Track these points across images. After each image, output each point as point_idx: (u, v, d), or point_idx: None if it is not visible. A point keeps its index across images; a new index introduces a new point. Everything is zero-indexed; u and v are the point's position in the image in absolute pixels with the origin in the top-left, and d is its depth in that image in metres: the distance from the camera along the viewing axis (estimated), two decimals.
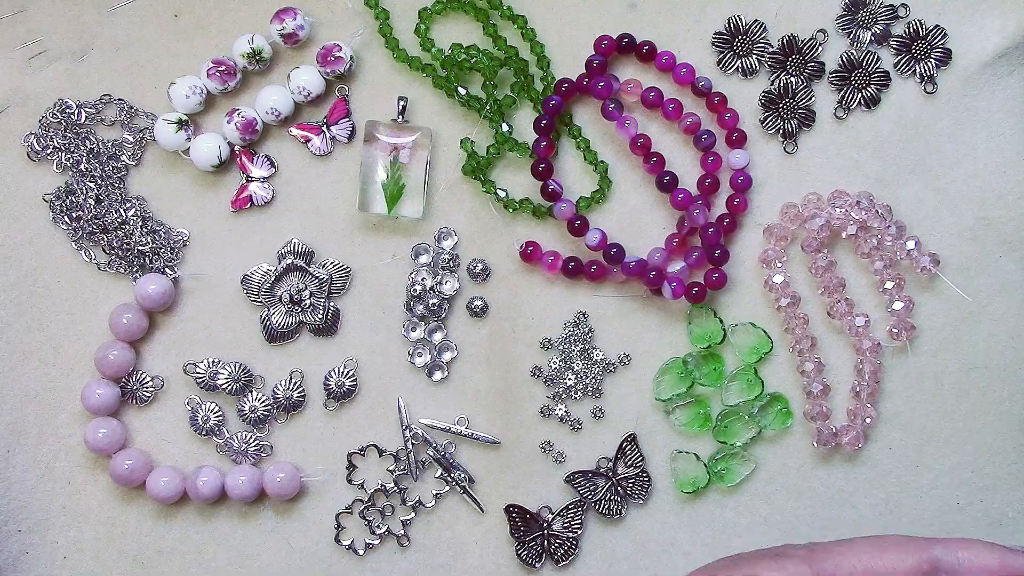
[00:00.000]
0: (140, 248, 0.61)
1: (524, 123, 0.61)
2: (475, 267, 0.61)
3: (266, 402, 0.61)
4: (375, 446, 0.61)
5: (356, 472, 0.61)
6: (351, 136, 0.61)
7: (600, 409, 0.61)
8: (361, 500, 0.60)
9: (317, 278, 0.61)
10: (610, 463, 0.60)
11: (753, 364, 0.60)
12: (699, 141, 0.60)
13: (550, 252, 0.60)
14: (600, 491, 0.60)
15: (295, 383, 0.61)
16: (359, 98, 0.62)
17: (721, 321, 0.60)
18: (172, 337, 0.61)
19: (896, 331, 0.60)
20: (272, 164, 0.61)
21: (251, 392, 0.61)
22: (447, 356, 0.61)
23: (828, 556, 0.47)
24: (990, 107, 0.61)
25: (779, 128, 0.61)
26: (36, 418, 0.60)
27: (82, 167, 0.61)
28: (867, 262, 0.60)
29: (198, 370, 0.60)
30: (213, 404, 0.60)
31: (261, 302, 0.61)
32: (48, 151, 0.61)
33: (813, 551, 0.48)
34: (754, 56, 0.61)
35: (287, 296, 0.60)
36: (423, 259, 0.61)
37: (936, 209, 0.61)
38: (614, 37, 0.60)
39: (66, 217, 0.61)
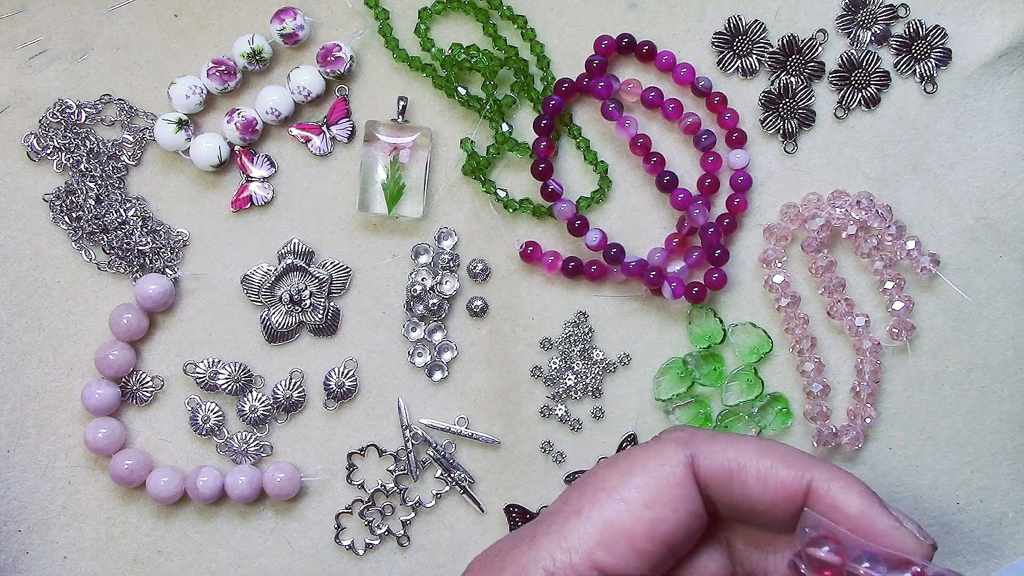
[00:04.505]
0: (140, 248, 0.61)
1: (524, 123, 0.61)
2: (475, 267, 0.61)
3: (266, 402, 0.61)
4: (375, 446, 0.61)
5: (356, 472, 0.61)
6: (351, 136, 0.61)
7: (600, 409, 0.61)
8: (361, 500, 0.60)
9: (317, 278, 0.60)
10: None
11: (753, 364, 0.60)
12: (699, 141, 0.60)
13: (550, 252, 0.60)
14: None
15: (295, 383, 0.61)
16: (359, 98, 0.62)
17: (721, 321, 0.60)
18: (172, 337, 0.61)
19: (896, 331, 0.60)
20: (272, 164, 0.61)
21: (251, 392, 0.61)
22: (447, 356, 0.61)
23: (709, 442, 0.46)
24: (990, 107, 0.61)
25: (779, 128, 0.61)
26: (36, 418, 0.60)
27: (82, 167, 0.61)
28: (867, 262, 0.60)
29: (198, 370, 0.60)
30: (213, 404, 0.60)
31: (261, 302, 0.61)
32: (48, 151, 0.61)
33: (693, 435, 0.46)
34: (754, 56, 0.61)
35: (287, 296, 0.60)
36: (423, 259, 0.61)
37: (936, 209, 0.61)
38: (614, 37, 0.60)
39: (66, 217, 0.61)
